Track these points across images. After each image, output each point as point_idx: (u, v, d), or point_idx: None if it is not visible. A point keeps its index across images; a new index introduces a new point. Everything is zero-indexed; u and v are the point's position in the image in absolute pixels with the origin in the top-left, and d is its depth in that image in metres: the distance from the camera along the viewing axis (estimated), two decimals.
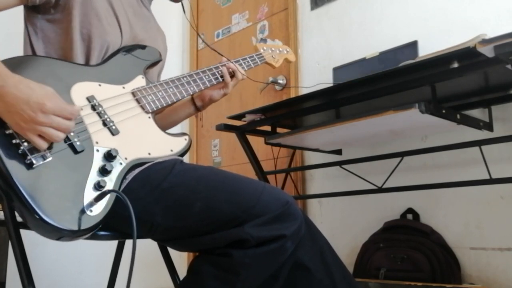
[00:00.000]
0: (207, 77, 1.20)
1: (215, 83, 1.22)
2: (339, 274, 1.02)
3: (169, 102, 1.11)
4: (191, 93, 1.16)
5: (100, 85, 1.02)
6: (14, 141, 0.84)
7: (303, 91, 2.23)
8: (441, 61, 1.28)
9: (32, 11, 1.07)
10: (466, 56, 1.23)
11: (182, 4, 1.36)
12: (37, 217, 0.80)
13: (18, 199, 0.81)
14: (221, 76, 1.23)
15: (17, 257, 0.93)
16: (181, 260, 2.65)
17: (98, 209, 0.87)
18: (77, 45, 1.06)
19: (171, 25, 3.03)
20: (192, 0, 3.00)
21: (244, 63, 1.31)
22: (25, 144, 0.84)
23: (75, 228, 0.83)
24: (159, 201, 0.95)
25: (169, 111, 1.31)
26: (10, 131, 0.84)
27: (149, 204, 0.95)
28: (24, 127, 0.83)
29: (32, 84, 0.84)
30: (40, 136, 0.84)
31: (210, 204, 0.93)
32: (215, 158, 2.73)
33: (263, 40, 1.45)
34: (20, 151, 0.83)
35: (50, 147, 0.87)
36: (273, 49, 1.44)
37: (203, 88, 1.19)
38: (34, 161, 0.83)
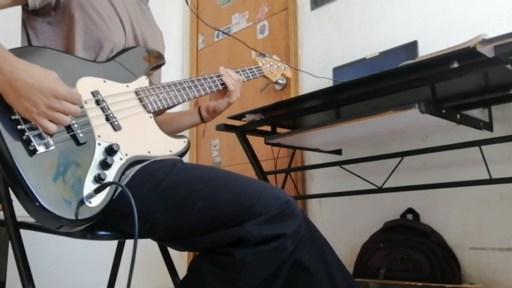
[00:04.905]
0: (208, 83, 1.22)
1: (215, 90, 1.23)
2: (339, 275, 1.02)
3: (170, 104, 1.12)
4: (192, 98, 1.18)
5: (104, 81, 1.03)
6: (19, 127, 0.84)
7: (303, 90, 2.23)
8: (441, 61, 1.28)
9: (31, 14, 1.07)
10: (466, 56, 1.23)
11: None
12: (37, 204, 0.80)
13: (19, 186, 0.81)
14: (222, 84, 1.24)
15: (17, 257, 0.94)
16: (181, 260, 2.65)
17: (97, 201, 0.88)
18: (80, 47, 1.06)
19: (171, 25, 3.03)
20: (192, 0, 3.01)
21: (244, 74, 1.33)
22: (30, 130, 0.85)
23: (73, 217, 0.84)
24: (160, 199, 0.95)
25: (175, 117, 1.33)
26: (16, 117, 0.85)
27: (149, 202, 0.95)
28: (35, 111, 0.84)
29: (40, 70, 0.86)
30: (50, 120, 0.85)
31: (211, 203, 0.93)
32: (215, 158, 2.73)
33: (262, 55, 1.48)
34: (24, 137, 0.84)
35: (53, 136, 0.87)
36: (271, 63, 1.47)
37: (203, 94, 1.20)
38: (37, 148, 0.84)
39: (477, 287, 1.56)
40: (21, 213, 0.91)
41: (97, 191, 0.88)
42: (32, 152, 0.84)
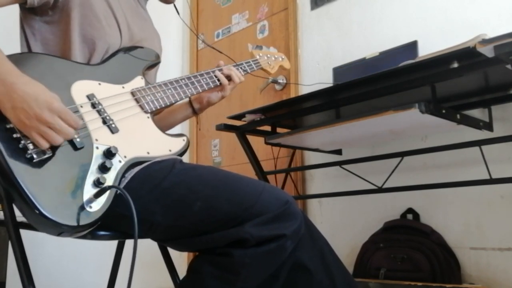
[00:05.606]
0: (205, 80, 1.21)
1: (212, 86, 1.23)
2: (339, 275, 1.02)
3: (168, 103, 1.12)
4: (189, 95, 1.17)
5: (100, 84, 1.03)
6: (14, 136, 0.84)
7: (303, 90, 2.23)
8: (441, 61, 1.28)
9: (29, 13, 1.07)
10: (466, 56, 1.23)
11: (175, 6, 1.36)
12: (37, 212, 0.80)
13: (18, 194, 0.81)
14: (219, 80, 1.24)
15: (17, 257, 0.93)
16: (181, 260, 2.65)
17: (98, 206, 0.87)
18: (76, 47, 1.06)
19: (171, 25, 3.03)
20: (192, 0, 3.00)
21: (241, 68, 1.32)
22: (26, 138, 0.84)
23: (75, 223, 0.83)
24: (159, 200, 0.95)
25: (167, 113, 1.32)
26: (11, 125, 0.84)
27: (149, 203, 0.95)
28: (28, 124, 0.83)
29: (41, 86, 0.86)
30: (41, 135, 0.84)
31: (210, 203, 0.93)
32: (215, 158, 2.73)
33: (259, 47, 1.47)
34: (20, 146, 0.84)
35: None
36: (268, 55, 1.46)
37: (200, 90, 1.20)
38: (34, 156, 0.84)
39: (477, 287, 1.56)
40: None
41: (97, 195, 0.87)
42: (30, 160, 0.83)
